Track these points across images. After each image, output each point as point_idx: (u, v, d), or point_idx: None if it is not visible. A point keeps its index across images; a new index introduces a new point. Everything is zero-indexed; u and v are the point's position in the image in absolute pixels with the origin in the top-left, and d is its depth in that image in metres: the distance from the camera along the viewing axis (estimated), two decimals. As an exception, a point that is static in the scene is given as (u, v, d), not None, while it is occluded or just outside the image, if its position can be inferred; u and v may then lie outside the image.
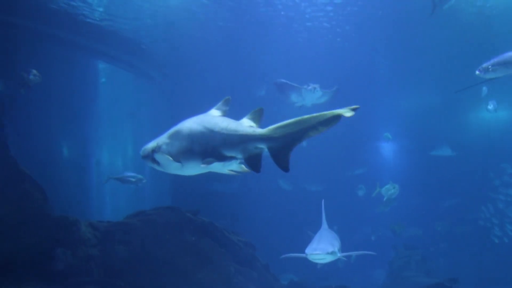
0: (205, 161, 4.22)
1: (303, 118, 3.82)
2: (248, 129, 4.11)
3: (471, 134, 20.94)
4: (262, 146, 4.04)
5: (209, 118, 4.41)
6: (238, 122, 4.27)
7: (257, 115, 4.31)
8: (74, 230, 9.51)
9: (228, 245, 10.93)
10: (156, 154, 4.39)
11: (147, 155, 4.51)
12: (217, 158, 4.20)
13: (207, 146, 4.20)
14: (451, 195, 20.99)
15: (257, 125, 4.23)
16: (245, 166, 4.39)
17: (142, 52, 16.47)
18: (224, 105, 4.62)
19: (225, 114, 4.55)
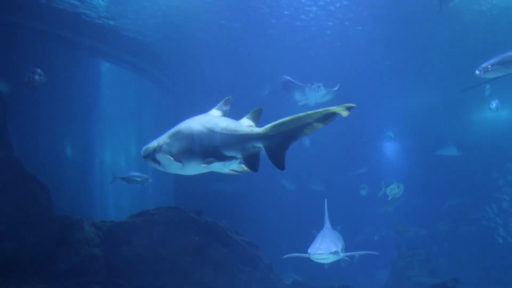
0: (206, 161, 4.24)
1: (299, 116, 3.83)
2: (247, 129, 4.13)
3: (475, 134, 20.84)
4: (260, 145, 4.05)
5: (210, 118, 4.42)
6: (238, 122, 4.29)
7: (256, 115, 4.33)
8: (77, 230, 9.53)
9: (231, 245, 10.92)
10: (157, 154, 4.41)
11: (148, 155, 4.53)
12: (218, 158, 4.21)
13: (208, 146, 4.21)
14: (454, 195, 20.93)
15: (256, 124, 4.25)
16: (244, 166, 4.40)
17: (145, 52, 16.48)
18: (225, 105, 4.64)
19: (226, 114, 4.57)
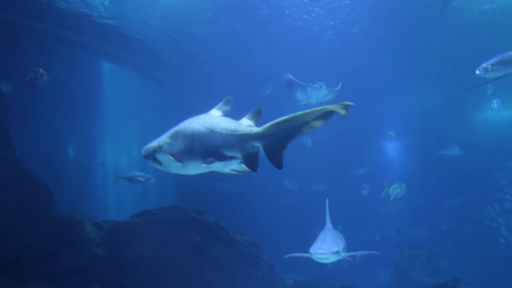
0: (206, 161, 4.25)
1: (297, 115, 3.85)
2: (246, 129, 4.17)
3: (476, 134, 20.81)
4: (258, 145, 4.08)
5: (210, 118, 4.44)
6: (238, 122, 4.32)
7: (256, 114, 4.35)
8: (79, 230, 9.52)
9: (233, 245, 10.90)
10: (158, 154, 4.42)
11: (149, 155, 4.54)
12: (218, 158, 4.23)
13: (208, 146, 4.23)
14: (456, 195, 20.89)
15: (256, 124, 4.28)
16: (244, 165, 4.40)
17: (146, 52, 16.50)
18: (225, 105, 4.65)
19: (226, 114, 4.59)
